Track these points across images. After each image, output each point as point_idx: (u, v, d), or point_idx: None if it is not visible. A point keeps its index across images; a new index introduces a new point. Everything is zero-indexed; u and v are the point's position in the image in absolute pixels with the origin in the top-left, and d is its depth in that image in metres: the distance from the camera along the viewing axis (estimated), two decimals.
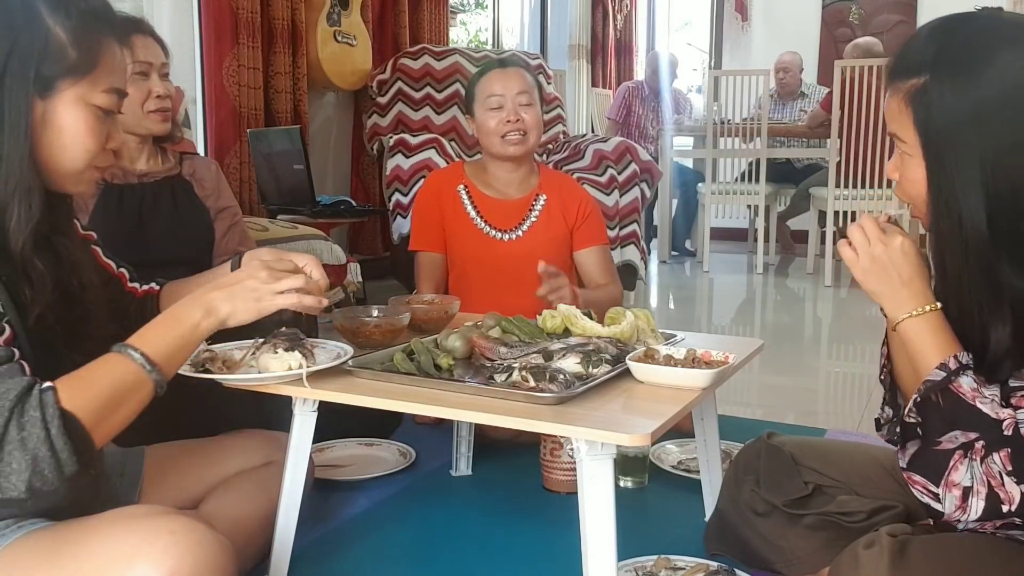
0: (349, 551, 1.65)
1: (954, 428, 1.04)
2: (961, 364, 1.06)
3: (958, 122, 1.05)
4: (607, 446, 1.13)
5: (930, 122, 1.07)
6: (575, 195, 2.34)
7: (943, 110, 1.06)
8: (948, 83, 1.05)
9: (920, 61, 1.08)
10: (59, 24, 1.06)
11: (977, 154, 1.04)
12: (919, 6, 6.51)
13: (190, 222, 2.01)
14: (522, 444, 2.06)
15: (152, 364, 1.07)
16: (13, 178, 1.04)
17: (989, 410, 1.02)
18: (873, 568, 1.05)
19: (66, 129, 1.08)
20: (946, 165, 1.06)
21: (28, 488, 0.95)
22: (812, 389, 3.08)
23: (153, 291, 1.46)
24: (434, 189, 2.33)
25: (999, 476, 1.00)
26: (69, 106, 1.08)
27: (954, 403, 1.04)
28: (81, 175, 1.14)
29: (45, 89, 1.06)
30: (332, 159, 4.30)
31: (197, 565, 0.98)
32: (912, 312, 1.11)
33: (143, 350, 1.08)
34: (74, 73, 1.07)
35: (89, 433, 1.00)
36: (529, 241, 2.27)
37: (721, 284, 5.41)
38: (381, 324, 1.55)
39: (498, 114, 2.20)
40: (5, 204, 1.04)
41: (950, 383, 1.05)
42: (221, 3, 3.37)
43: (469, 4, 7.85)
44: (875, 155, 4.70)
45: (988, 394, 1.03)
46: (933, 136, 1.07)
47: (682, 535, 1.65)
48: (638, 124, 6.33)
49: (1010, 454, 1.00)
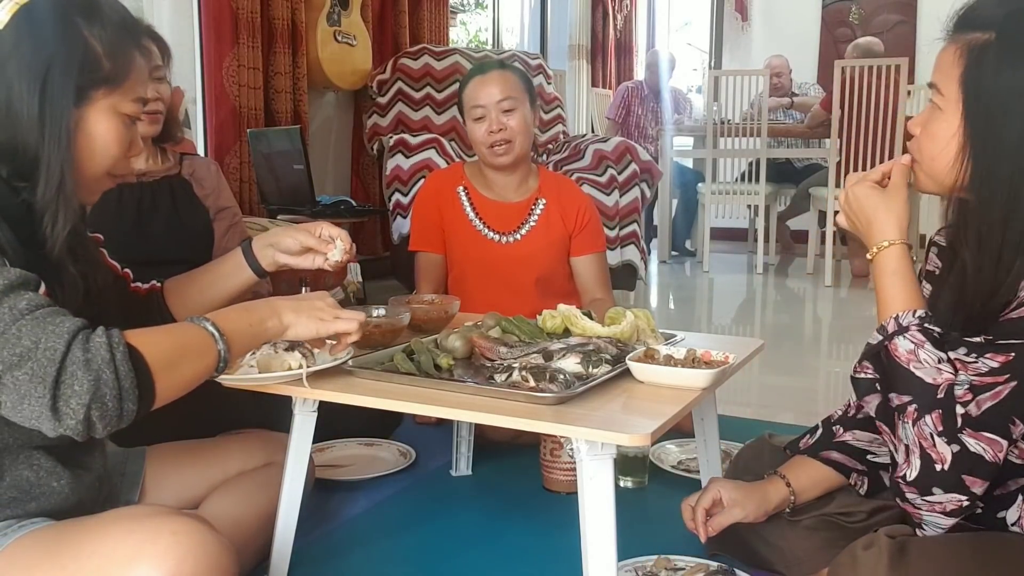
0: (349, 551, 1.65)
1: (891, 391, 1.07)
2: (900, 326, 1.08)
3: (1011, 91, 1.03)
4: (607, 446, 1.13)
5: (983, 82, 1.05)
6: (575, 200, 2.32)
7: (1000, 75, 1.03)
8: (1011, 50, 1.03)
9: (990, 18, 1.05)
10: (94, 35, 1.09)
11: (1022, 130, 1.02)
12: (919, 6, 6.51)
13: (189, 222, 2.01)
14: (522, 444, 2.06)
15: (221, 334, 1.10)
16: (54, 184, 1.06)
17: (924, 374, 1.04)
18: (872, 569, 1.05)
19: (97, 137, 1.11)
20: (994, 129, 1.04)
21: (86, 419, 0.92)
22: (812, 389, 3.08)
23: (156, 288, 1.46)
24: (434, 190, 2.33)
25: (930, 437, 1.01)
26: (101, 115, 1.11)
27: (891, 366, 1.07)
28: (99, 182, 1.16)
29: (80, 98, 1.08)
30: (332, 159, 4.30)
31: (198, 565, 0.98)
32: (873, 250, 1.15)
33: (215, 321, 1.11)
34: (108, 83, 1.10)
35: (152, 375, 0.99)
36: (527, 245, 2.26)
37: (721, 284, 5.41)
38: (381, 324, 1.55)
39: (482, 124, 2.17)
40: (45, 209, 1.06)
41: (886, 346, 1.08)
42: (221, 3, 3.37)
43: (469, 4, 7.85)
44: (875, 155, 4.70)
45: (925, 357, 1.05)
46: (984, 97, 1.05)
47: (682, 535, 1.64)
48: (638, 124, 6.33)
49: (941, 415, 1.02)
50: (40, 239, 1.07)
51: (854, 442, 1.37)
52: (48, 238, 1.07)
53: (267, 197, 3.40)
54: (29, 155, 1.06)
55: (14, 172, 1.08)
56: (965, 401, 1.02)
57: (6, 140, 1.06)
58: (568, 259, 2.33)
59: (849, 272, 5.25)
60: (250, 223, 2.56)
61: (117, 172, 1.17)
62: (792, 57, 6.10)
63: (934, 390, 1.03)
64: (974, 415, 1.01)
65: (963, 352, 1.06)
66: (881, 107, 4.66)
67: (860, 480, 1.36)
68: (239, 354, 1.17)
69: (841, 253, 5.21)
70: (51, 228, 1.07)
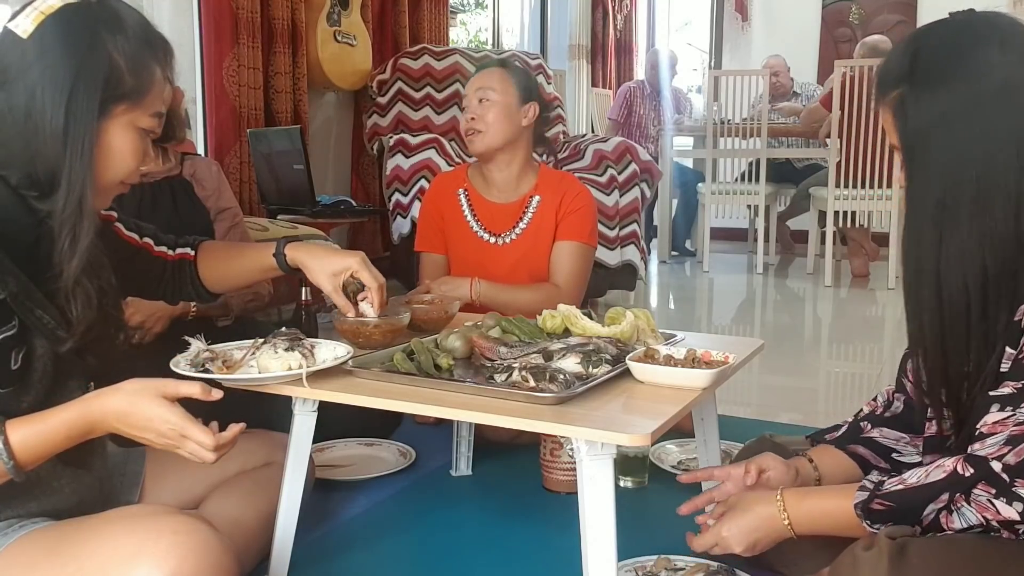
0: (349, 551, 1.65)
1: (925, 508, 1.08)
2: (874, 483, 1.13)
3: (930, 125, 1.09)
4: (607, 446, 1.13)
5: (906, 127, 1.12)
6: (571, 191, 2.26)
7: (918, 114, 1.10)
8: (921, 90, 1.10)
9: (898, 72, 1.13)
10: (118, 50, 1.08)
11: (945, 155, 1.08)
12: (919, 6, 6.51)
13: (190, 222, 2.01)
14: (522, 444, 2.06)
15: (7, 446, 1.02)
16: (75, 199, 1.06)
17: (940, 473, 1.07)
18: (872, 570, 1.05)
19: (115, 150, 1.11)
20: (920, 163, 1.11)
21: None
22: (812, 389, 3.08)
23: (188, 256, 1.48)
24: (437, 192, 2.34)
25: (990, 505, 1.03)
26: (120, 129, 1.11)
27: (901, 498, 1.10)
28: (111, 190, 1.16)
29: (102, 113, 1.08)
30: (332, 159, 4.30)
31: (199, 565, 0.98)
32: (778, 512, 1.24)
33: (8, 434, 1.02)
34: (129, 98, 1.10)
35: None
36: (520, 245, 2.24)
37: (721, 284, 5.41)
38: (381, 324, 1.55)
39: (465, 114, 2.23)
40: (63, 224, 1.06)
41: (877, 495, 1.12)
42: (221, 3, 3.37)
43: (469, 4, 7.85)
44: (875, 155, 4.70)
45: (928, 461, 1.09)
46: (908, 139, 1.12)
47: (682, 535, 1.64)
48: (639, 124, 6.33)
49: (984, 482, 1.03)
50: (44, 255, 1.06)
51: (881, 439, 1.39)
52: (65, 253, 1.06)
53: (267, 197, 3.40)
54: (46, 166, 1.06)
55: (24, 180, 1.07)
56: (1000, 455, 1.03)
57: (22, 148, 1.05)
58: None
59: (849, 272, 5.25)
60: (250, 223, 2.56)
61: (129, 180, 1.18)
62: (792, 57, 6.10)
63: (955, 474, 1.05)
64: (1013, 464, 1.02)
65: (996, 409, 1.06)
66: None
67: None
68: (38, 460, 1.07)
69: (841, 253, 5.21)
70: (70, 243, 1.06)
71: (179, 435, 1.10)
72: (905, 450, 1.36)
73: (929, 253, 1.10)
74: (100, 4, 1.10)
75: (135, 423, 1.09)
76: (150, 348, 1.83)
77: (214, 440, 1.11)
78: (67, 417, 1.06)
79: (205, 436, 1.10)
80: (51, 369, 1.08)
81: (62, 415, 1.06)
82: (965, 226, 1.07)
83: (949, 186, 1.08)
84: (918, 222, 1.12)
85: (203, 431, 1.11)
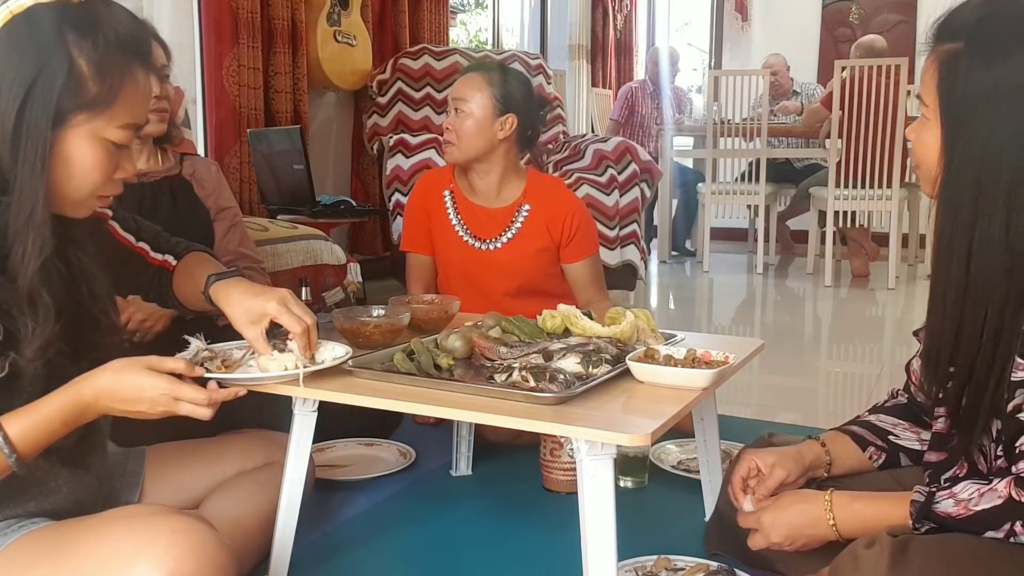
0: (349, 551, 1.65)
1: (985, 531, 1.05)
2: (921, 510, 1.08)
3: (978, 96, 1.04)
4: (607, 446, 1.13)
5: (953, 90, 1.06)
6: (562, 207, 2.22)
7: (968, 81, 1.04)
8: (979, 56, 1.04)
9: (962, 27, 1.06)
10: (83, 55, 1.02)
11: (985, 132, 1.03)
12: (919, 6, 6.51)
13: (189, 222, 2.01)
14: (522, 444, 2.06)
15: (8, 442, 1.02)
16: (26, 211, 1.01)
17: (995, 498, 1.03)
18: (873, 568, 1.05)
19: (74, 161, 1.05)
20: (963, 134, 1.06)
21: None
22: (812, 389, 3.08)
23: (167, 266, 1.43)
24: (422, 191, 2.31)
25: None
26: (80, 140, 1.05)
27: (959, 526, 1.06)
28: (82, 203, 1.11)
29: (58, 121, 1.03)
30: (332, 159, 4.30)
31: (199, 565, 0.98)
32: (825, 512, 1.20)
33: (6, 430, 1.02)
34: (91, 108, 1.04)
35: None
36: (509, 252, 2.21)
37: (721, 284, 5.41)
38: (381, 324, 1.55)
39: (445, 121, 2.23)
40: (16, 235, 1.01)
41: (932, 511, 1.07)
42: (221, 3, 3.37)
43: (469, 4, 7.85)
44: (875, 155, 4.70)
45: (969, 495, 1.05)
46: (953, 105, 1.06)
47: (682, 535, 1.65)
48: (641, 124, 6.34)
49: None
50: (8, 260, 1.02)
51: (877, 422, 1.39)
52: (20, 266, 1.01)
53: (267, 197, 3.40)
54: (3, 169, 1.02)
55: None
56: None
57: None
58: (552, 266, 2.26)
59: (849, 272, 5.25)
60: (250, 223, 2.56)
61: (104, 193, 1.12)
62: (792, 57, 6.10)
63: (1012, 500, 1.02)
64: None
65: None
66: (881, 107, 4.66)
67: (878, 454, 1.38)
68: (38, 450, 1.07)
69: (841, 253, 5.21)
70: (20, 258, 1.01)
71: (171, 399, 1.10)
72: (904, 435, 1.37)
73: (962, 234, 1.06)
74: (79, 5, 1.04)
75: (126, 396, 1.09)
76: (150, 347, 1.83)
77: (207, 395, 1.12)
78: (60, 403, 1.06)
79: (198, 392, 1.11)
80: (43, 373, 1.07)
81: (54, 402, 1.06)
82: (999, 216, 1.03)
83: (986, 168, 1.04)
84: (956, 195, 1.07)
85: (195, 388, 1.11)
